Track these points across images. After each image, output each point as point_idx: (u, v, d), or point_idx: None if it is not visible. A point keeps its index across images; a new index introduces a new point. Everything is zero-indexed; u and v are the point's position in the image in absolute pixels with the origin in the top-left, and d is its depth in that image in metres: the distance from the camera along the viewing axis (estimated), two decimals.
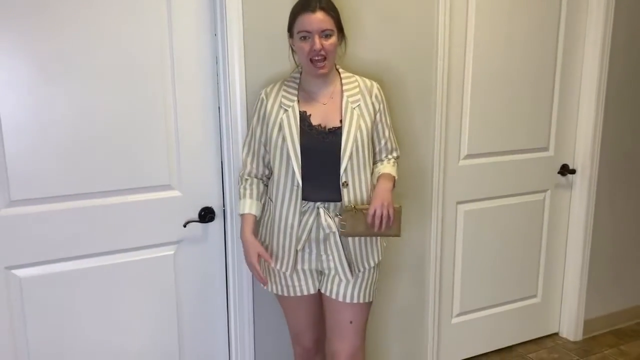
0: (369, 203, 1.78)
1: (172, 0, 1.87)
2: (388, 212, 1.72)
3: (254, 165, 1.88)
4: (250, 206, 1.86)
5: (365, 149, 1.79)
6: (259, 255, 1.80)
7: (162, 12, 1.87)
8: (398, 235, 1.80)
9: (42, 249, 1.81)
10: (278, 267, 1.84)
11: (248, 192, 1.87)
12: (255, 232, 1.86)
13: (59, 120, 1.77)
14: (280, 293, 1.90)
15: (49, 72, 1.73)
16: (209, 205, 2.04)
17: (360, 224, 1.74)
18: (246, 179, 1.89)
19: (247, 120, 1.97)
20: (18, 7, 1.66)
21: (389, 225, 1.74)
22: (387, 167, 1.89)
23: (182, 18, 1.90)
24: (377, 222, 1.72)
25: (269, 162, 1.88)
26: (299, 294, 1.87)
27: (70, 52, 1.75)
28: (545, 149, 2.75)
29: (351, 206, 1.75)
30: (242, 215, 1.86)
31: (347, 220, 1.73)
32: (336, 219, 1.77)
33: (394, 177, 1.87)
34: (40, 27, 1.70)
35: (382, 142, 1.90)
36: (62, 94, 1.76)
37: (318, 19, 1.68)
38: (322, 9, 1.69)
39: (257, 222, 1.90)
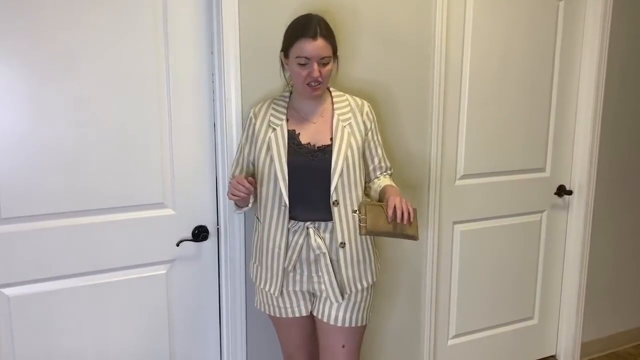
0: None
1: (169, 18, 1.87)
2: (408, 206, 1.64)
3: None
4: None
5: (356, 167, 1.77)
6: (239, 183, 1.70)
7: (158, 30, 1.86)
8: (416, 238, 1.67)
9: (32, 267, 1.79)
10: (267, 288, 1.82)
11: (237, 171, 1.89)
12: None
13: (51, 138, 1.75)
14: (272, 314, 1.87)
15: (41, 89, 1.72)
16: (203, 224, 2.02)
17: (381, 219, 1.62)
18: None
19: None
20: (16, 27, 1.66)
21: (409, 221, 1.63)
22: (387, 180, 1.89)
23: (178, 36, 1.90)
24: (399, 213, 1.61)
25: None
26: (290, 315, 1.85)
27: (64, 69, 1.74)
28: (542, 169, 2.75)
29: (368, 200, 1.67)
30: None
31: (368, 214, 1.61)
32: (354, 216, 1.69)
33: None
34: (33, 46, 1.69)
35: (376, 160, 1.89)
36: (56, 112, 1.75)
37: (319, 46, 1.67)
38: (323, 36, 1.68)
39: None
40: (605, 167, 2.84)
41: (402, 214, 1.62)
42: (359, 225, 1.64)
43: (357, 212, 1.67)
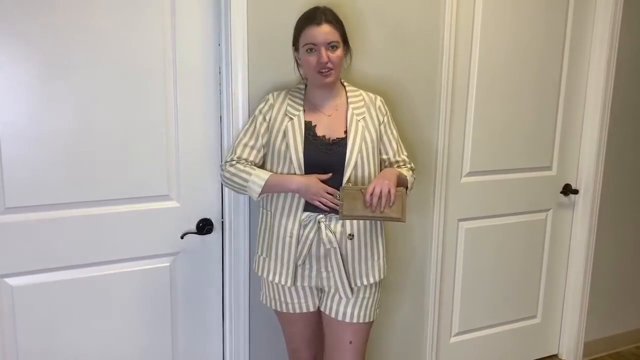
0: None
1: (177, 10, 1.86)
2: (389, 190, 1.61)
3: (246, 155, 1.79)
4: (264, 172, 1.74)
5: (370, 161, 1.76)
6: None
7: (166, 21, 1.85)
8: (402, 220, 1.65)
9: (36, 258, 1.78)
10: (277, 280, 1.80)
11: (249, 167, 1.76)
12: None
13: (57, 128, 1.74)
14: (279, 309, 1.86)
15: (48, 79, 1.71)
16: (208, 217, 2.01)
17: (358, 203, 1.62)
18: (238, 161, 1.78)
19: None
20: (19, 15, 1.65)
21: (389, 205, 1.62)
22: (402, 170, 1.85)
23: (186, 27, 1.88)
24: (375, 200, 1.60)
25: (260, 160, 1.81)
26: (297, 310, 1.84)
27: (71, 59, 1.73)
28: (548, 168, 2.73)
29: (349, 185, 1.68)
30: (267, 180, 1.71)
31: (344, 199, 1.62)
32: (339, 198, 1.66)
33: (406, 177, 1.81)
34: (40, 36, 1.68)
35: (390, 153, 1.87)
36: (61, 101, 1.73)
37: (324, 31, 1.68)
38: (328, 21, 1.69)
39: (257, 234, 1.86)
40: (612, 167, 2.82)
41: (380, 198, 1.61)
42: (339, 214, 1.65)
43: (337, 196, 1.65)
